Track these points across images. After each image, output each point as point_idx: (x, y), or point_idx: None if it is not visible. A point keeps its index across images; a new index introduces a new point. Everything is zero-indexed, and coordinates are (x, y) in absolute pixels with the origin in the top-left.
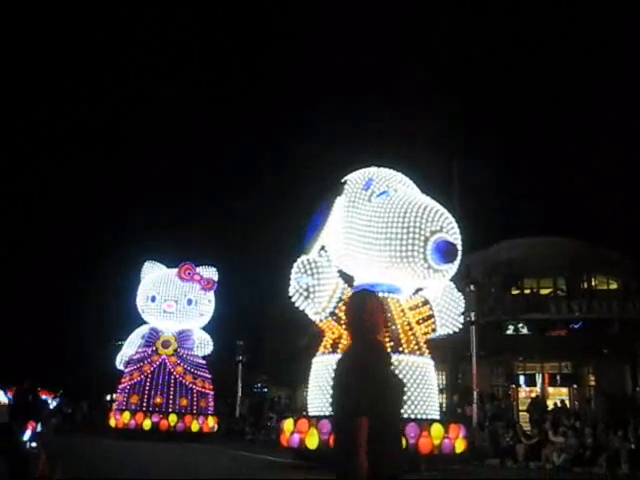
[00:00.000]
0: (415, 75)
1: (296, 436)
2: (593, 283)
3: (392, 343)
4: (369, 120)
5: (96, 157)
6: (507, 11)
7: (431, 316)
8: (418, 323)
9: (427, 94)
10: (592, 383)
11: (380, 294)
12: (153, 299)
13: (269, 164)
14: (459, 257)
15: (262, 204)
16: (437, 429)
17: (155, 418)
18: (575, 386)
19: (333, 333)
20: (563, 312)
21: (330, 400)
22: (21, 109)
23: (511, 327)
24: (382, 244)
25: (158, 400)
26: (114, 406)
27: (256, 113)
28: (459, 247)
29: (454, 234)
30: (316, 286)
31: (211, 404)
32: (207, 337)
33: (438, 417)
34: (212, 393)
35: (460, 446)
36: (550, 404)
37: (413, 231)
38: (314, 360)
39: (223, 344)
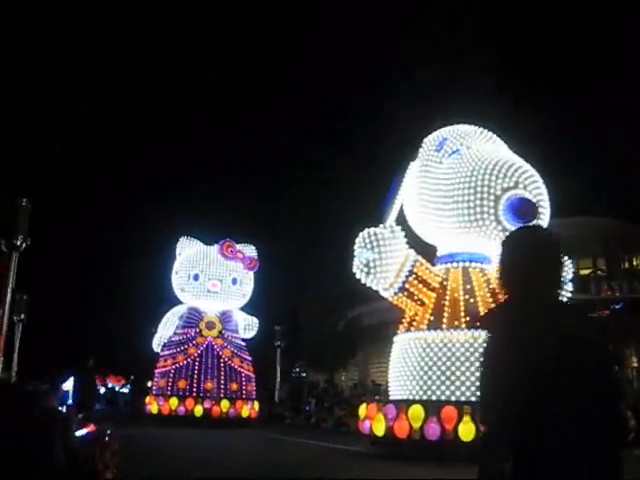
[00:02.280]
0: None
1: (367, 422)
2: (634, 263)
3: (468, 318)
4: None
5: (125, 135)
6: None
7: None
8: None
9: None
10: (635, 364)
11: (461, 264)
12: (196, 277)
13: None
14: (544, 215)
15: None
16: None
17: (207, 404)
18: (617, 367)
19: (410, 310)
20: (604, 292)
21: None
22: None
23: None
24: (450, 208)
25: (209, 385)
26: (152, 391)
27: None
28: (542, 204)
29: (534, 190)
30: (377, 260)
31: (255, 388)
32: (254, 319)
33: None
34: (254, 377)
35: None
36: None
37: (481, 190)
38: (394, 339)
39: (260, 327)
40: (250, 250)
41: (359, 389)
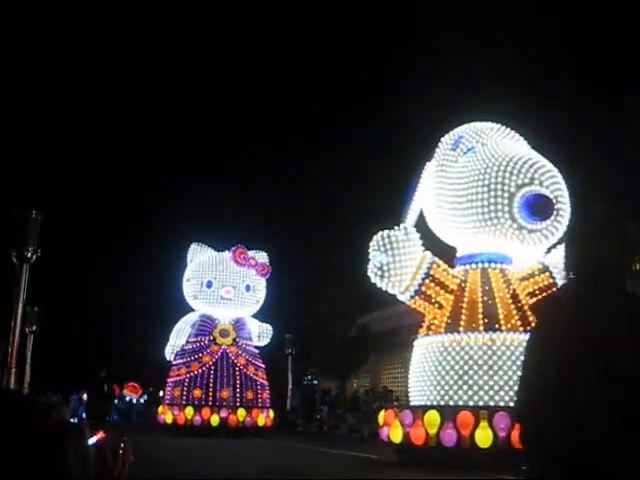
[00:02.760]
0: None
1: (385, 429)
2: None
3: (486, 320)
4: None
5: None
6: None
7: (552, 285)
8: (534, 295)
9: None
10: None
11: (480, 265)
12: (209, 285)
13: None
14: (564, 212)
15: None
16: None
17: (223, 413)
18: None
19: (429, 313)
20: None
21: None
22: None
23: None
24: (465, 207)
25: (225, 394)
26: (165, 401)
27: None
28: (561, 199)
29: (551, 186)
30: (391, 263)
31: (269, 396)
32: (268, 326)
33: None
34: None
35: None
36: None
37: (495, 188)
38: (415, 344)
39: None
40: (262, 256)
41: (370, 396)
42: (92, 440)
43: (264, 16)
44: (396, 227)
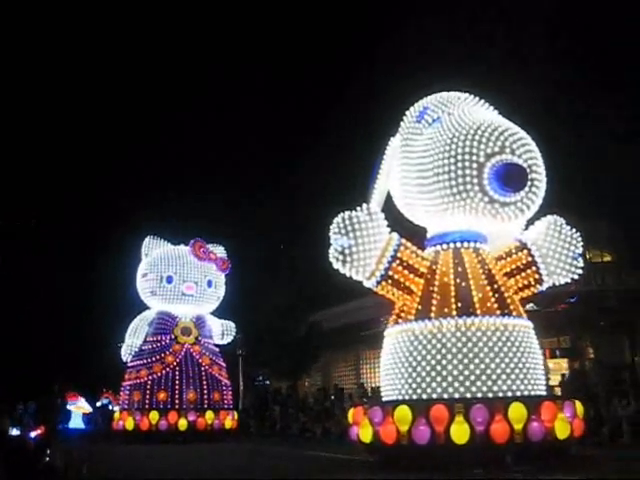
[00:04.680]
0: None
1: (355, 428)
2: (587, 256)
3: (459, 304)
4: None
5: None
6: None
7: (531, 264)
8: (512, 275)
9: None
10: (591, 356)
11: (451, 245)
12: (169, 280)
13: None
14: (540, 182)
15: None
16: (517, 410)
17: (191, 416)
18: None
19: (398, 300)
20: (559, 286)
21: None
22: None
23: None
24: (431, 182)
25: (192, 395)
26: (123, 405)
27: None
28: (535, 169)
29: (524, 154)
30: (354, 247)
31: (232, 397)
32: (231, 323)
33: (544, 393)
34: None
35: (562, 430)
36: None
37: (462, 159)
38: (385, 333)
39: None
40: (220, 251)
41: (321, 395)
42: (34, 433)
43: (264, 16)
44: (358, 208)
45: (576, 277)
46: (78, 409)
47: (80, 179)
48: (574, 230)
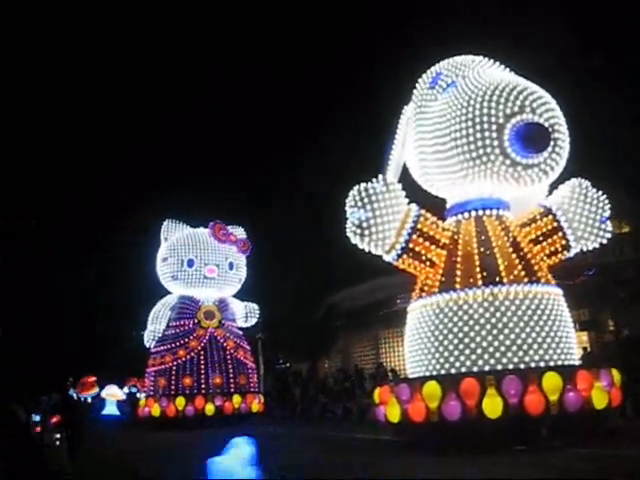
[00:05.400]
0: None
1: (381, 408)
2: None
3: (485, 274)
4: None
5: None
6: None
7: (557, 230)
8: (538, 242)
9: None
10: (611, 328)
11: (473, 213)
12: (190, 263)
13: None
14: (563, 142)
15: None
16: (551, 380)
17: (218, 401)
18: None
19: (420, 273)
20: (576, 259)
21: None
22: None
23: None
24: (449, 147)
25: (218, 380)
26: (148, 392)
27: None
28: (558, 128)
29: (545, 113)
30: (371, 219)
31: (257, 381)
32: (254, 305)
33: (577, 363)
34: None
35: (599, 400)
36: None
37: (480, 121)
38: (408, 308)
39: None
40: (240, 232)
41: (341, 375)
42: (53, 420)
43: (264, 16)
44: (374, 180)
45: (605, 242)
46: (111, 397)
47: (80, 179)
48: (600, 193)
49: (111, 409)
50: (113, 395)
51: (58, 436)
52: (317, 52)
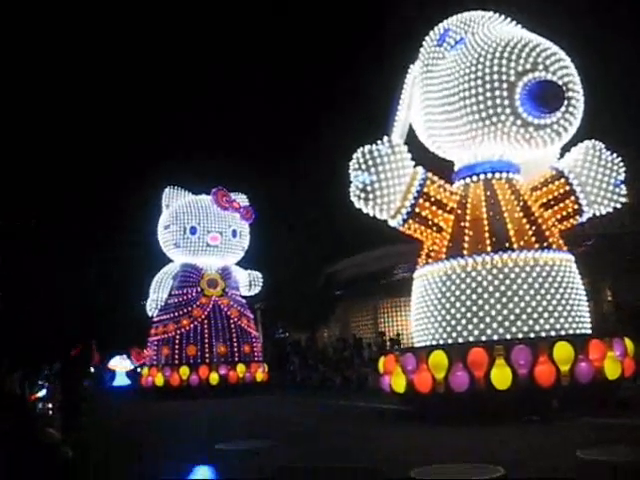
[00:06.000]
0: None
1: (386, 378)
2: None
3: (494, 239)
4: None
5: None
6: None
7: (569, 193)
8: (549, 206)
9: None
10: (609, 299)
11: (482, 176)
12: (193, 231)
13: None
14: (577, 102)
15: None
16: (563, 350)
17: (222, 370)
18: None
19: (427, 239)
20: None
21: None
22: None
23: None
24: (458, 107)
25: (222, 349)
26: (151, 361)
27: None
28: (572, 87)
29: (559, 71)
30: (376, 183)
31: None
32: (258, 274)
33: (589, 332)
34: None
35: (612, 370)
36: None
37: (491, 79)
38: (415, 275)
39: None
40: (242, 199)
41: (340, 344)
42: (41, 393)
43: (264, 16)
44: (379, 141)
45: (619, 206)
46: (121, 368)
47: (80, 179)
48: (615, 155)
49: (121, 379)
50: (122, 367)
51: (50, 406)
52: None
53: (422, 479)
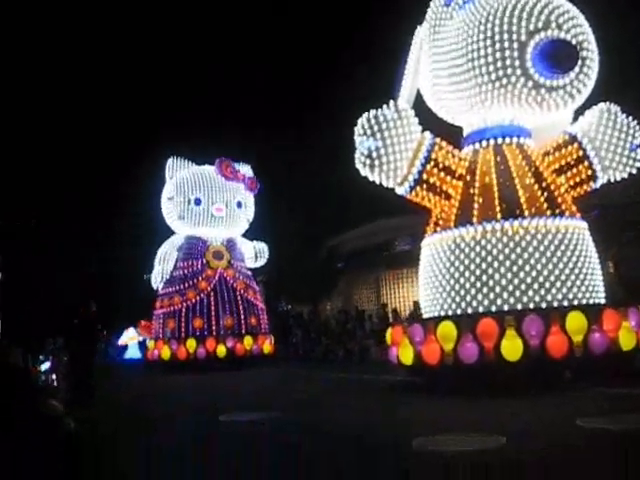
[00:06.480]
0: None
1: (394, 349)
2: None
3: (504, 206)
4: None
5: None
6: None
7: (582, 159)
8: (562, 172)
9: None
10: (611, 270)
11: (492, 141)
12: (197, 202)
13: None
14: (592, 61)
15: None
16: (576, 320)
17: (230, 342)
18: None
19: (435, 207)
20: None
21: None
22: None
23: None
24: (466, 69)
25: (229, 321)
26: (157, 335)
27: None
28: (586, 46)
29: (572, 29)
30: (382, 149)
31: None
32: (264, 245)
33: (603, 301)
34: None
35: (627, 341)
36: None
37: (500, 39)
38: (422, 244)
39: None
40: (247, 170)
41: (342, 316)
42: (46, 365)
43: (264, 16)
44: (385, 106)
45: (634, 171)
46: (131, 340)
47: (80, 179)
48: (631, 118)
49: (133, 352)
50: (132, 338)
51: (54, 377)
52: None
53: (420, 449)
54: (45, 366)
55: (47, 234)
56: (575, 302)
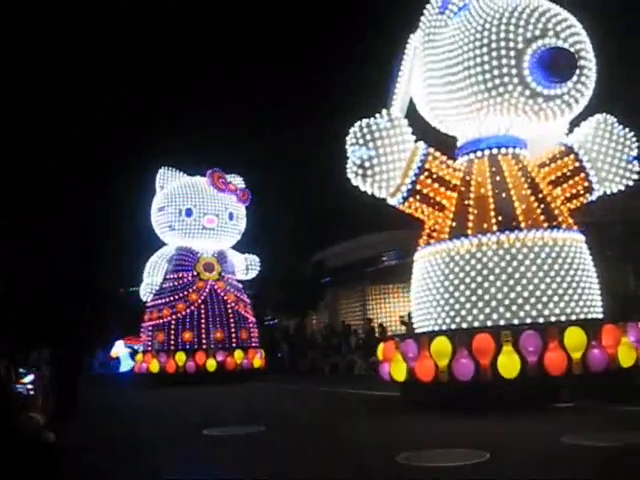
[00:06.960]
0: None
1: (385, 365)
2: None
3: (500, 218)
4: None
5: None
6: None
7: (579, 170)
8: (558, 183)
9: None
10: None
11: (487, 152)
12: (189, 213)
13: None
14: (589, 70)
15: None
16: (574, 335)
17: (220, 356)
18: None
19: (429, 218)
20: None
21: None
22: None
23: None
24: (461, 77)
25: (219, 335)
26: (145, 347)
27: None
28: (584, 55)
29: (570, 37)
30: (374, 158)
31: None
32: (255, 257)
33: (601, 316)
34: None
35: (626, 357)
36: None
37: (497, 46)
38: (415, 256)
39: None
40: (239, 181)
41: (328, 331)
42: (29, 378)
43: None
44: (378, 115)
45: (631, 183)
46: (122, 351)
47: (80, 179)
48: (627, 130)
49: (126, 364)
50: (122, 349)
51: (31, 387)
52: None
53: (406, 464)
54: (29, 378)
55: (47, 234)
56: (573, 317)
